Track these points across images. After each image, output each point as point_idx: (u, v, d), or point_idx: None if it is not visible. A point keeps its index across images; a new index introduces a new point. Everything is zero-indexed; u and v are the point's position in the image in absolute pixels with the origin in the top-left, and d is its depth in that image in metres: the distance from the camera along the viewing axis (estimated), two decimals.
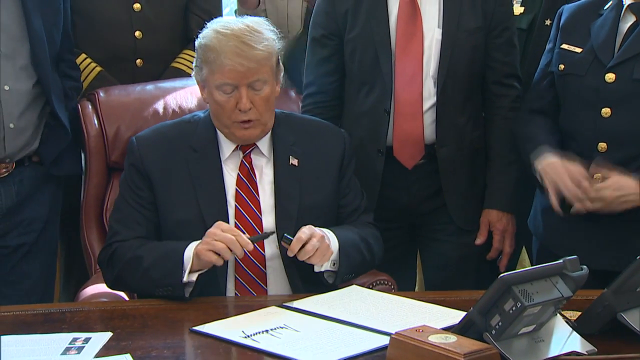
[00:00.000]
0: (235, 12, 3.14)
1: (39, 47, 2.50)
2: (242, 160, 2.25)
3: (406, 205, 2.61)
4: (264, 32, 2.20)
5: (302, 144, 2.31)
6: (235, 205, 2.22)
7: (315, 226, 2.20)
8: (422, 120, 2.55)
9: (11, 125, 2.51)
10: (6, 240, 2.59)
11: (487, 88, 2.63)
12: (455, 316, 1.82)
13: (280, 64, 2.27)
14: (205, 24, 2.37)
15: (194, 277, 2.07)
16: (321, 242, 2.12)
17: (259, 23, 2.25)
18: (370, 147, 2.57)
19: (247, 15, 2.72)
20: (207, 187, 2.22)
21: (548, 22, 2.69)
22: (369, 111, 2.55)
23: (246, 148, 2.26)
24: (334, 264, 2.17)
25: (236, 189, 2.23)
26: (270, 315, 1.96)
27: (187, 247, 2.09)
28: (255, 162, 2.27)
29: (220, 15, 3.03)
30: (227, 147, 2.25)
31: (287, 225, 2.20)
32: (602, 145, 2.34)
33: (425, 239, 2.71)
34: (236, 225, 2.19)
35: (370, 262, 2.33)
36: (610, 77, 2.31)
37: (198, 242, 2.08)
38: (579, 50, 2.39)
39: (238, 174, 2.25)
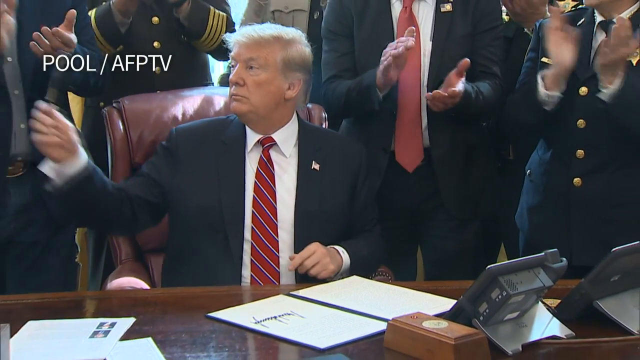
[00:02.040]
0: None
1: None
2: (261, 154, 2.27)
3: (407, 205, 2.63)
4: (281, 32, 2.26)
5: (325, 152, 2.32)
6: (253, 196, 2.23)
7: (326, 230, 2.24)
8: (421, 127, 2.56)
9: (22, 126, 2.49)
10: (21, 237, 2.56)
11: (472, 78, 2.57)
12: (447, 304, 1.83)
13: (301, 70, 2.27)
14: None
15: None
16: (322, 258, 2.16)
17: (290, 29, 2.33)
18: (375, 145, 2.58)
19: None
20: (229, 176, 2.24)
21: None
22: (378, 111, 2.53)
23: (265, 142, 2.27)
24: (342, 276, 2.20)
25: (255, 181, 2.25)
26: (278, 303, 1.97)
27: None
28: (275, 158, 2.28)
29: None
30: (250, 141, 2.27)
31: (304, 222, 2.24)
32: (580, 152, 2.36)
33: (425, 235, 2.72)
34: (253, 214, 2.21)
35: (373, 266, 2.39)
36: (583, 90, 2.32)
37: None
38: None
39: (257, 166, 2.27)
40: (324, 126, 2.74)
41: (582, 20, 2.34)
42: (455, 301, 1.74)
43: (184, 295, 2.08)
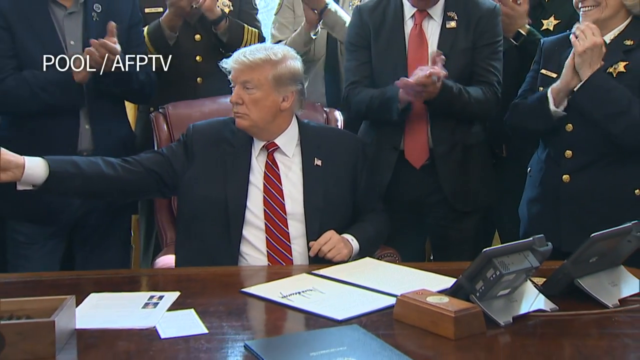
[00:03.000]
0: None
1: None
2: (266, 158, 2.25)
3: (414, 198, 2.61)
4: (269, 52, 2.22)
5: (325, 148, 2.30)
6: (264, 196, 2.21)
7: (335, 217, 2.24)
8: (426, 128, 2.55)
9: (86, 127, 2.53)
10: (86, 221, 2.59)
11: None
12: (448, 282, 1.83)
13: (292, 83, 2.24)
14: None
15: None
16: (337, 244, 2.17)
17: (278, 48, 2.30)
18: (387, 144, 2.58)
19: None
20: (236, 174, 2.22)
21: None
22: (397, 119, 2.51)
23: (269, 147, 2.26)
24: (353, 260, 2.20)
25: (264, 182, 2.23)
26: (301, 280, 1.99)
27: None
28: (281, 160, 2.26)
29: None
30: (257, 146, 2.26)
31: (314, 214, 2.23)
32: (568, 153, 2.36)
33: (431, 225, 2.70)
34: (265, 212, 2.20)
35: (380, 242, 2.38)
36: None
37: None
38: (554, 75, 2.37)
39: (265, 170, 2.24)
40: (340, 127, 2.75)
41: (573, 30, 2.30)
42: (455, 280, 1.75)
43: (220, 273, 2.08)
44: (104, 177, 2.13)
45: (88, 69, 2.38)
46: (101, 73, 2.40)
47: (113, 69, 2.39)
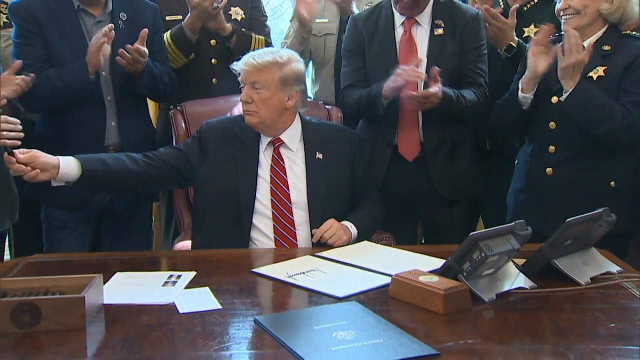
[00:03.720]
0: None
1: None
2: (273, 153, 2.25)
3: (408, 188, 2.61)
4: (274, 55, 2.22)
5: (326, 143, 2.30)
6: (270, 187, 2.21)
7: (335, 206, 2.24)
8: (418, 125, 2.55)
9: (113, 124, 2.55)
10: (112, 208, 2.60)
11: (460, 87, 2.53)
12: (438, 263, 1.84)
13: (296, 83, 2.24)
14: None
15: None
16: (337, 231, 2.17)
17: (283, 52, 2.28)
18: (382, 140, 2.58)
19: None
20: (246, 167, 2.22)
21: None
22: (385, 113, 2.51)
23: (275, 142, 2.26)
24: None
25: (270, 175, 2.23)
26: (305, 262, 2.00)
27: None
28: (285, 154, 2.26)
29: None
30: (264, 142, 2.25)
31: (316, 203, 2.23)
32: (551, 148, 2.36)
33: (423, 212, 2.70)
34: (272, 202, 2.20)
35: (376, 227, 2.38)
36: (554, 99, 2.31)
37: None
38: None
39: (271, 163, 2.24)
40: (340, 123, 2.73)
41: (561, 43, 2.28)
42: (444, 261, 1.76)
43: (232, 255, 2.09)
44: (129, 173, 2.15)
45: (101, 63, 2.41)
46: (131, 75, 2.45)
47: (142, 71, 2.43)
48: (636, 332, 1.57)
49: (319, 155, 2.27)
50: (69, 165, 2.01)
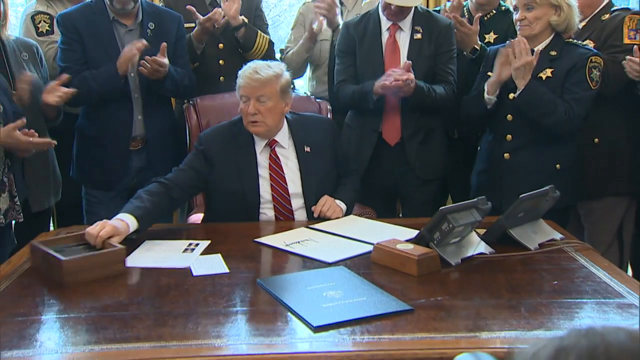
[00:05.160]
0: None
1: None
2: (270, 153, 2.18)
3: (389, 169, 2.60)
4: (273, 69, 2.14)
5: (310, 135, 2.24)
6: (271, 184, 2.17)
7: (326, 188, 2.21)
8: (399, 115, 2.54)
9: (139, 117, 2.55)
10: (141, 186, 2.48)
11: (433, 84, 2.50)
12: (413, 233, 1.85)
13: (289, 91, 2.19)
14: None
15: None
16: (332, 204, 2.17)
17: (274, 64, 2.19)
18: (368, 127, 2.57)
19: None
20: (247, 171, 2.16)
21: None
22: (372, 107, 2.49)
23: (271, 144, 2.19)
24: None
25: (270, 173, 2.17)
26: (300, 233, 2.00)
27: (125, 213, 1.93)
28: (279, 152, 2.19)
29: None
30: (259, 144, 2.18)
31: (310, 190, 2.20)
32: (509, 137, 2.36)
33: (401, 190, 2.68)
34: (273, 196, 2.16)
35: (358, 198, 2.36)
36: (511, 95, 2.30)
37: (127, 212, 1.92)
38: None
39: (269, 162, 2.18)
40: (329, 116, 2.71)
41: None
42: (418, 231, 1.79)
43: (239, 227, 2.08)
44: (168, 209, 2.19)
45: (129, 68, 2.44)
46: (153, 80, 2.47)
47: (164, 77, 2.46)
48: (574, 287, 1.60)
49: (307, 149, 2.23)
50: (130, 225, 1.89)
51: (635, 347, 0.52)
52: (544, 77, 2.29)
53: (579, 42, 2.40)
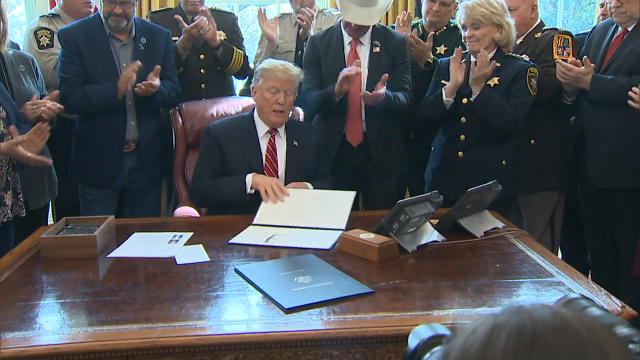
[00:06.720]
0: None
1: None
2: (269, 139, 2.24)
3: (353, 167, 2.58)
4: (296, 69, 2.26)
5: (299, 134, 2.30)
6: (265, 164, 2.21)
7: (302, 174, 2.23)
8: (361, 119, 2.53)
9: (132, 123, 2.52)
10: (131, 186, 2.59)
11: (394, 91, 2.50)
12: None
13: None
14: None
15: (252, 191, 2.12)
16: (299, 185, 2.18)
17: (290, 64, 2.31)
18: (333, 130, 2.55)
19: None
20: (251, 153, 2.21)
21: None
22: (336, 109, 2.49)
23: (272, 132, 2.25)
24: None
25: (266, 155, 2.22)
26: (262, 230, 1.92)
27: (246, 175, 2.13)
28: (276, 140, 2.25)
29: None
30: (261, 131, 2.24)
31: (293, 177, 2.22)
32: (462, 137, 2.36)
33: (364, 185, 2.65)
34: (266, 172, 2.21)
35: None
36: (464, 100, 2.32)
37: (252, 174, 2.12)
38: (447, 82, 2.34)
39: (267, 146, 2.23)
40: (301, 119, 2.72)
41: (464, 59, 2.35)
42: (379, 222, 1.78)
43: (219, 220, 2.08)
44: None
45: (128, 90, 2.43)
46: (144, 97, 2.46)
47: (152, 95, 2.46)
48: (513, 269, 1.63)
49: (295, 143, 2.27)
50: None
51: (557, 323, 0.54)
52: (492, 84, 2.31)
53: (517, 54, 2.43)
